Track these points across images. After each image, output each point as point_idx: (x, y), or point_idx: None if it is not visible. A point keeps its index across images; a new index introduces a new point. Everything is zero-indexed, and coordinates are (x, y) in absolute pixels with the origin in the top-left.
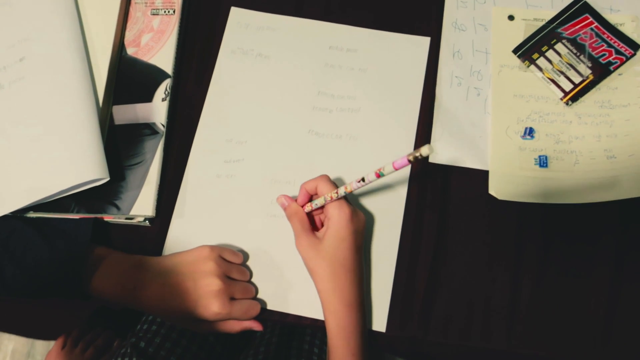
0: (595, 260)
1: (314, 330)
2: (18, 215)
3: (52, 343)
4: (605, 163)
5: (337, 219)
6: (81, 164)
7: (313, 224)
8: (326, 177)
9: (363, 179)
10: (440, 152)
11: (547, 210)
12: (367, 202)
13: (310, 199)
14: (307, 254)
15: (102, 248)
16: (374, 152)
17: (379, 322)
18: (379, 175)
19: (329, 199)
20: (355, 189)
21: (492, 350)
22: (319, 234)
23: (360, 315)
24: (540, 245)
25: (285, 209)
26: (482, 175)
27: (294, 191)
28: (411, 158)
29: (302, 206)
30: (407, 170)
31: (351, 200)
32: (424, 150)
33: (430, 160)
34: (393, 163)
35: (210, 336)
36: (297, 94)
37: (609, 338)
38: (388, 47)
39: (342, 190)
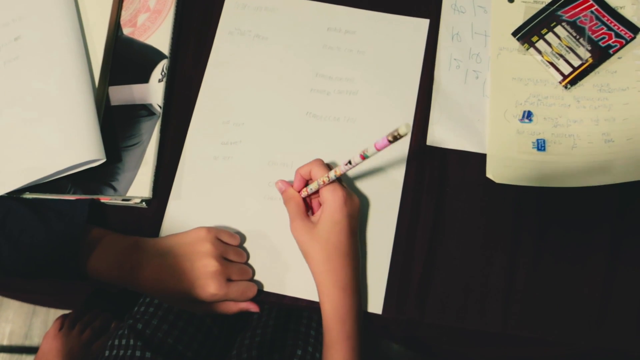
0: (592, 243)
1: (310, 313)
2: (14, 196)
3: (49, 325)
4: (603, 147)
5: (331, 203)
6: (77, 145)
7: (310, 209)
8: (319, 161)
9: (350, 162)
10: (438, 135)
11: (544, 193)
12: (364, 185)
13: (307, 183)
14: (301, 237)
15: (98, 229)
16: (371, 135)
17: (375, 304)
18: (364, 157)
19: (322, 183)
20: (344, 172)
21: (487, 333)
22: (314, 218)
23: (355, 299)
24: (537, 229)
25: (282, 194)
26: (479, 159)
27: (291, 173)
28: (390, 138)
29: (299, 191)
30: (404, 153)
31: (348, 183)
32: (402, 129)
33: (428, 143)
34: (374, 144)
35: (207, 318)
36: (295, 75)
37: (603, 321)
38: (387, 29)
39: (332, 174)
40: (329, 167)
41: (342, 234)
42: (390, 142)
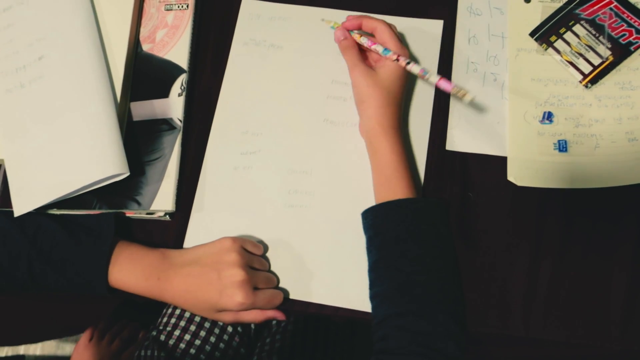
0: (617, 244)
1: (330, 317)
2: (42, 212)
3: (80, 335)
4: (627, 146)
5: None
6: (102, 160)
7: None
8: (385, 24)
9: (409, 62)
10: (458, 139)
11: (567, 195)
12: None
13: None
14: (363, 82)
15: (124, 242)
16: None
17: None
18: (423, 75)
19: (379, 50)
20: (404, 67)
21: (510, 336)
22: (376, 67)
23: (403, 141)
24: (561, 231)
25: (339, 42)
26: (500, 162)
27: (312, 181)
28: (454, 91)
29: (349, 30)
30: (423, 157)
31: (362, 189)
32: (467, 98)
33: (447, 147)
34: (440, 79)
35: (228, 326)
36: (311, 83)
37: (629, 323)
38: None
39: (393, 54)
40: (394, 32)
41: (403, 86)
42: (451, 93)
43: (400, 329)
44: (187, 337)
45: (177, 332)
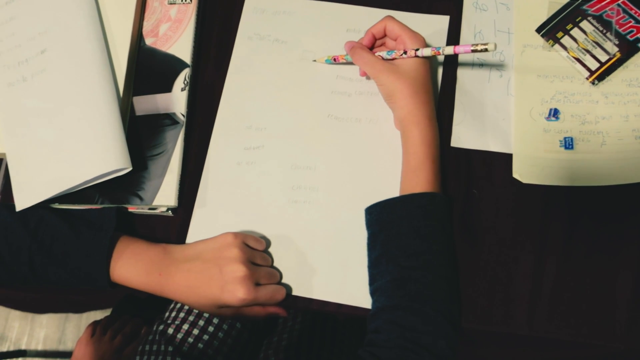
0: (622, 243)
1: (335, 315)
2: (44, 206)
3: (81, 330)
4: (634, 143)
5: (415, 46)
6: (104, 155)
7: None
8: (391, 17)
9: (417, 50)
10: (462, 136)
11: (573, 193)
12: (394, 193)
13: (373, 45)
14: (386, 78)
15: (126, 237)
16: (394, 135)
17: None
18: (439, 52)
19: (398, 54)
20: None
21: (513, 335)
22: (394, 62)
23: (437, 130)
24: (566, 229)
25: (350, 50)
26: (505, 159)
27: (315, 176)
28: (474, 47)
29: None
30: None
31: (366, 185)
32: (490, 46)
33: (452, 144)
34: (455, 47)
35: (236, 323)
36: (315, 78)
37: (634, 321)
38: None
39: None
40: (401, 23)
41: (427, 74)
42: (473, 51)
43: (391, 322)
44: (196, 331)
45: (185, 326)
